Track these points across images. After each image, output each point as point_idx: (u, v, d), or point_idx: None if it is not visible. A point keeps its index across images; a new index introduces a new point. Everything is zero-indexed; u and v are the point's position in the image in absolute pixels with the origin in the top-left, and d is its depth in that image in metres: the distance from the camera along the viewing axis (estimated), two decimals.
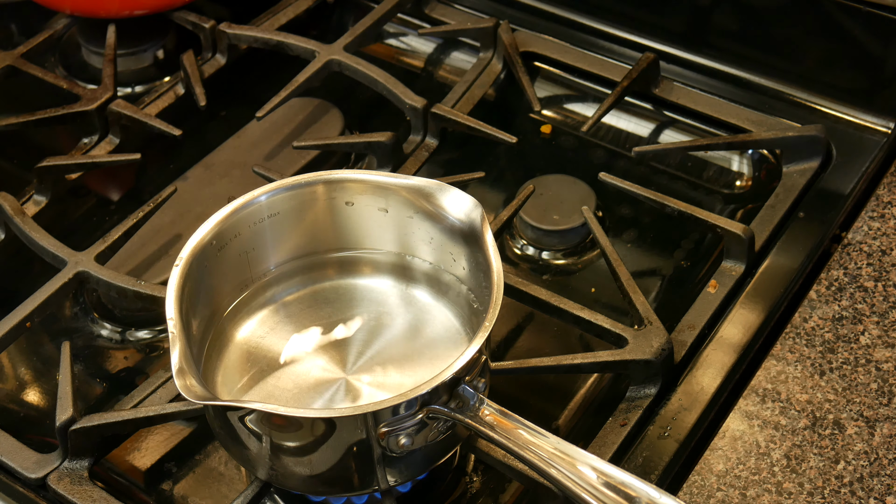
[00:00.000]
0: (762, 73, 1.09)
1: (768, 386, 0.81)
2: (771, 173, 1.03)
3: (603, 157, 1.08)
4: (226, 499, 0.82)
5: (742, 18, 1.10)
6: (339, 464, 0.72)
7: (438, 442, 0.74)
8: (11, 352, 0.93)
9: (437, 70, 1.19)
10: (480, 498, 0.82)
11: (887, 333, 0.84)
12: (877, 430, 0.78)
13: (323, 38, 1.11)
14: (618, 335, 0.84)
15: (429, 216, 0.80)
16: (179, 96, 1.10)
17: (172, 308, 0.72)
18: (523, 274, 0.98)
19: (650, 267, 0.99)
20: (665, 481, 0.78)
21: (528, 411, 0.73)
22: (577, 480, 0.68)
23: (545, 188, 1.01)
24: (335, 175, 0.81)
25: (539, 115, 1.11)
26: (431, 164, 1.04)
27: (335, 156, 1.07)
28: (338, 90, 1.13)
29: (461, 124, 1.03)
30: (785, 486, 0.75)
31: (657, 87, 1.08)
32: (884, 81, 1.04)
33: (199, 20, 1.14)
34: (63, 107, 1.06)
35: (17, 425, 0.86)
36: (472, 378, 0.72)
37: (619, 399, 0.84)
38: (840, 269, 0.89)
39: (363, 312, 0.83)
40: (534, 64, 1.13)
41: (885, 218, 0.92)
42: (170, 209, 0.98)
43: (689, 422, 0.81)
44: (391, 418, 0.70)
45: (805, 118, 1.04)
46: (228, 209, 0.79)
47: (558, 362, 0.83)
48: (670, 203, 0.94)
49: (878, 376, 0.81)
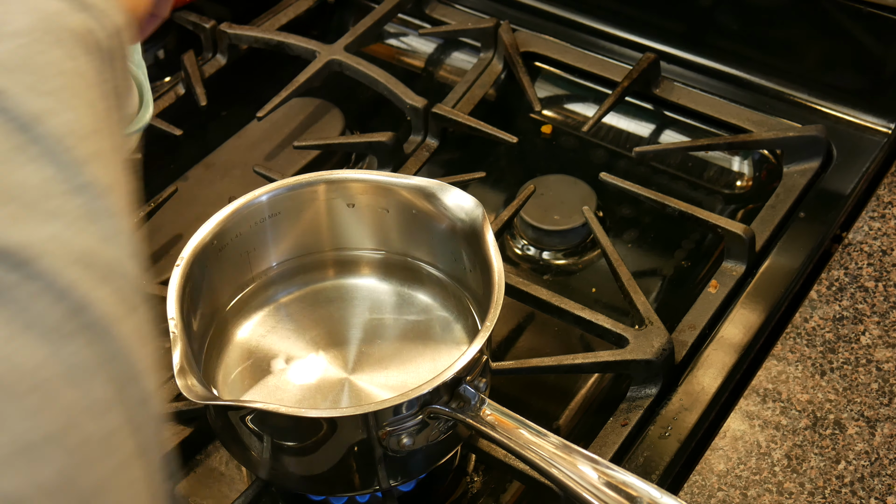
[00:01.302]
0: (762, 73, 1.09)
1: (769, 386, 0.81)
2: (771, 173, 1.03)
3: (603, 157, 1.08)
4: (226, 499, 0.82)
5: (742, 18, 1.10)
6: (341, 464, 0.72)
7: (439, 442, 0.74)
8: None
9: (437, 70, 1.19)
10: (481, 498, 0.82)
11: (888, 333, 0.84)
12: (877, 430, 0.78)
13: (323, 39, 1.11)
14: (618, 335, 0.84)
15: (430, 216, 0.80)
16: (180, 96, 1.10)
17: (173, 308, 0.72)
18: (524, 274, 0.98)
19: (651, 267, 0.99)
20: (666, 481, 0.78)
21: (529, 411, 0.73)
22: (578, 480, 0.68)
23: (546, 188, 1.01)
24: (336, 175, 0.81)
25: (539, 116, 1.11)
26: (432, 164, 1.04)
27: (336, 156, 1.07)
28: (338, 90, 1.13)
29: (462, 124, 1.03)
30: (786, 486, 0.75)
31: (658, 87, 1.08)
32: (884, 82, 1.04)
33: (199, 20, 1.14)
34: None
35: None
36: (473, 378, 0.72)
37: (620, 399, 0.84)
38: (841, 269, 0.89)
39: (364, 312, 0.83)
40: (534, 64, 1.13)
41: (886, 218, 0.92)
42: (170, 209, 0.98)
43: (689, 422, 0.81)
44: (392, 418, 0.70)
45: (805, 118, 1.04)
46: (229, 209, 0.79)
47: (559, 362, 0.83)
48: (671, 203, 0.94)
49: (879, 376, 0.81)
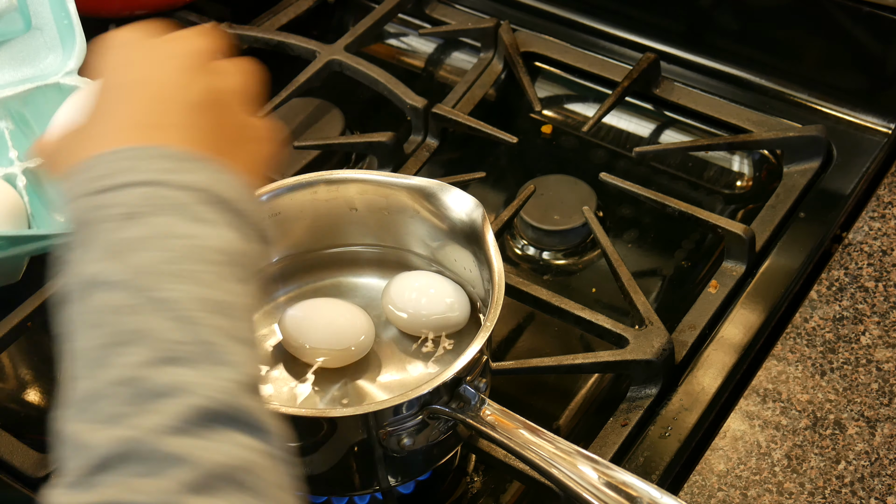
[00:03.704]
0: (762, 73, 1.09)
1: (769, 386, 0.81)
2: (771, 173, 1.03)
3: (603, 157, 1.08)
4: None
5: (742, 18, 1.10)
6: (341, 464, 0.72)
7: (440, 442, 0.74)
8: (12, 352, 0.93)
9: (437, 70, 1.19)
10: (481, 498, 0.82)
11: (888, 333, 0.84)
12: (878, 431, 0.78)
13: (324, 38, 1.11)
14: (618, 335, 0.84)
15: (430, 216, 0.80)
16: None
17: None
18: (524, 274, 0.98)
19: (651, 267, 0.99)
20: (666, 481, 0.78)
21: (529, 411, 0.73)
22: (578, 480, 0.68)
23: (546, 188, 1.01)
24: (336, 175, 0.81)
25: (540, 116, 1.11)
26: (432, 165, 1.04)
27: (336, 156, 1.07)
28: (338, 90, 1.13)
29: (462, 124, 1.03)
30: (786, 486, 0.75)
31: (658, 87, 1.08)
32: (884, 82, 1.04)
33: (199, 20, 1.14)
34: None
35: (17, 425, 0.86)
36: (473, 378, 0.72)
37: (620, 399, 0.84)
38: (841, 269, 0.89)
39: (364, 311, 0.82)
40: (534, 64, 1.13)
41: (886, 218, 0.92)
42: None
43: (689, 422, 0.81)
44: (392, 418, 0.70)
45: (806, 118, 1.04)
46: None
47: (559, 362, 0.83)
48: (671, 203, 0.94)
49: (879, 376, 0.81)
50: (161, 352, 0.46)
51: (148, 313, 0.47)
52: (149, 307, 0.47)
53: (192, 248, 0.50)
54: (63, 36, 0.85)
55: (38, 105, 0.83)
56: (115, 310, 0.47)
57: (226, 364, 0.47)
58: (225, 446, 0.45)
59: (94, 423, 0.45)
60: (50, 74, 0.84)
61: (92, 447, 0.44)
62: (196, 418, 0.44)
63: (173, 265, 0.49)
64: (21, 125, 0.83)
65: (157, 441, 0.43)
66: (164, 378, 0.45)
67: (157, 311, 0.47)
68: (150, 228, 0.50)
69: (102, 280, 0.48)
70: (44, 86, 0.83)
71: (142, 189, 0.51)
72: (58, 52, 0.85)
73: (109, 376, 0.46)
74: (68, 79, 0.84)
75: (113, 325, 0.47)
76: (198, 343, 0.47)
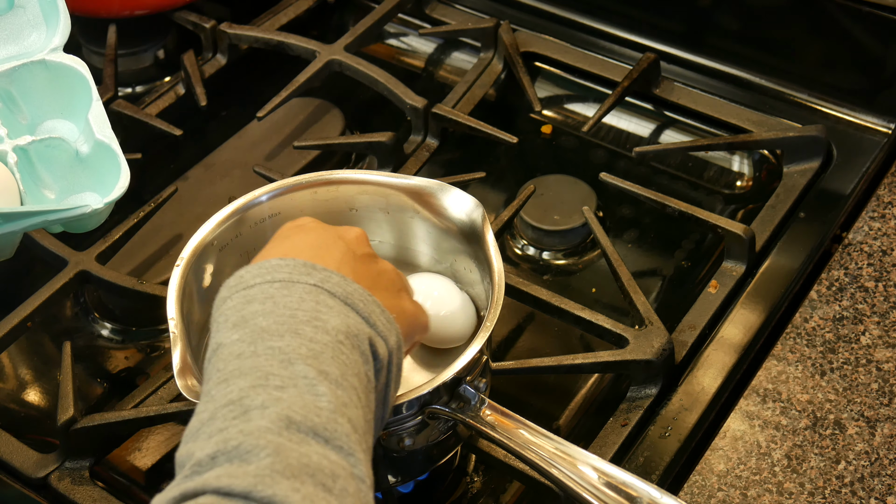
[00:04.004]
0: (762, 73, 1.09)
1: (769, 386, 0.81)
2: (771, 173, 1.03)
3: (603, 157, 1.08)
4: None
5: (742, 18, 1.10)
6: None
7: (439, 442, 0.74)
8: (12, 352, 0.93)
9: (437, 70, 1.19)
10: (481, 498, 0.82)
11: (888, 333, 0.84)
12: (877, 431, 0.78)
13: (323, 39, 1.11)
14: (618, 335, 0.84)
15: (430, 216, 0.80)
16: (180, 96, 1.10)
17: (173, 308, 0.72)
18: (524, 274, 0.98)
19: (651, 267, 0.99)
20: (666, 481, 0.78)
21: (528, 411, 0.73)
22: (578, 480, 0.68)
23: (546, 188, 1.01)
24: (336, 175, 0.81)
25: (539, 116, 1.11)
26: (432, 165, 1.04)
27: (336, 156, 1.07)
28: (338, 90, 1.13)
29: (462, 124, 1.03)
30: (786, 486, 0.75)
31: (658, 87, 1.08)
32: (884, 82, 1.04)
33: (199, 20, 1.14)
34: None
35: (17, 425, 0.86)
36: (473, 378, 0.72)
37: (620, 399, 0.84)
38: (841, 269, 0.89)
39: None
40: (534, 64, 1.13)
41: (886, 218, 0.92)
42: (170, 209, 0.98)
43: (689, 422, 0.81)
44: (392, 418, 0.70)
45: (805, 118, 1.04)
46: (229, 209, 0.79)
47: (559, 362, 0.83)
48: (671, 203, 0.94)
49: (879, 376, 0.81)
50: (263, 379, 0.54)
51: (259, 356, 0.56)
52: (262, 352, 0.56)
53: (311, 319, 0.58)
54: (46, 13, 0.86)
55: (25, 82, 0.84)
56: (236, 355, 0.56)
57: (319, 395, 0.54)
58: (310, 450, 0.51)
59: (205, 439, 0.52)
60: (35, 52, 0.85)
61: (200, 452, 0.52)
62: (287, 423, 0.52)
63: (290, 327, 0.57)
64: (8, 103, 0.84)
65: (252, 438, 0.51)
66: (263, 396, 0.53)
67: (268, 355, 0.56)
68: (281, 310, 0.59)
69: (232, 340, 0.58)
70: (30, 63, 0.84)
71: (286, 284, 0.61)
72: (42, 29, 0.86)
73: (219, 402, 0.54)
74: (54, 55, 0.84)
75: (231, 365, 0.56)
76: (295, 377, 0.55)
